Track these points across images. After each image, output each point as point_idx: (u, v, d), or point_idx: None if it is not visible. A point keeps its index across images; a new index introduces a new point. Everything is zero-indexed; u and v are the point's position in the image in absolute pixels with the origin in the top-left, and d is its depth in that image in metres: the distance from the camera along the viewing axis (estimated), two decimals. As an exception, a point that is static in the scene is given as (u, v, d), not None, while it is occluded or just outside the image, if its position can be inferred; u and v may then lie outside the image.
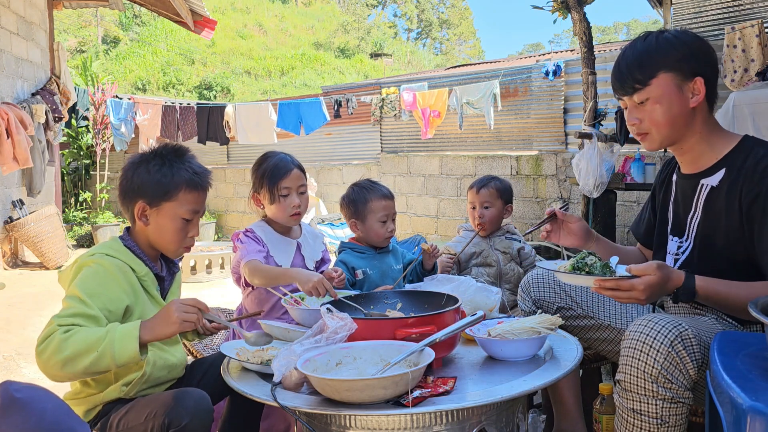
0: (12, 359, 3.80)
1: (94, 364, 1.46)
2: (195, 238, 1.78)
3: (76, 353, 1.45)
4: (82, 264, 1.64)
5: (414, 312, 1.83)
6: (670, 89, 1.66)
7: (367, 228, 2.46)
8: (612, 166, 4.49)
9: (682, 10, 5.37)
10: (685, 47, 1.66)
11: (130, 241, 1.74)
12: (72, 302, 1.55)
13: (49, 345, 1.46)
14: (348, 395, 1.35)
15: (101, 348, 1.46)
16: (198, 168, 1.76)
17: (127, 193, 1.73)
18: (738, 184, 1.63)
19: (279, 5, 33.24)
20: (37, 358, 1.48)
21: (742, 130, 3.55)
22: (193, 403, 1.53)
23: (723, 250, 1.66)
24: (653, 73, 1.67)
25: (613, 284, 1.55)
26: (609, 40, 29.39)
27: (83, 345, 1.46)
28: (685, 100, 1.67)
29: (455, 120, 7.05)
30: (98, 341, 1.46)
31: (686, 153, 1.77)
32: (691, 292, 1.57)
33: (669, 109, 1.67)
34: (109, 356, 1.47)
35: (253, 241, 2.27)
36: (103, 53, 23.83)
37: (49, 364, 1.46)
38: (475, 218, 2.79)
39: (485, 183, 2.83)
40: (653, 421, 1.47)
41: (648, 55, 1.68)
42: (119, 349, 1.47)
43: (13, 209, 6.66)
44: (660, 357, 1.43)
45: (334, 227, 8.07)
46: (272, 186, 2.28)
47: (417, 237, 5.62)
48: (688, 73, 1.66)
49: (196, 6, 8.06)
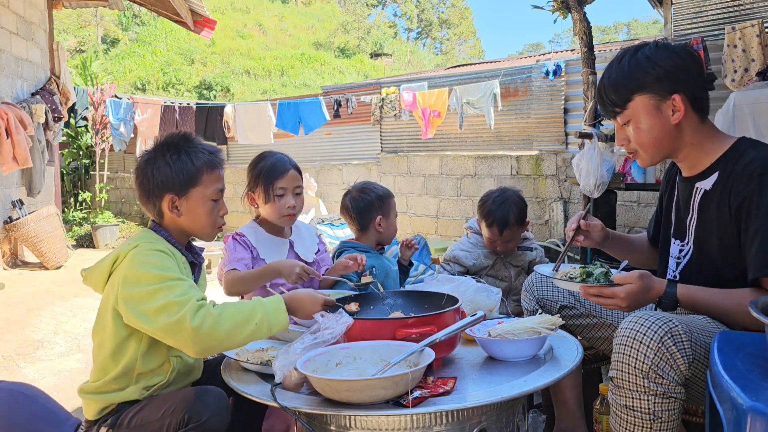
0: (12, 359, 3.80)
1: (253, 335, 1.56)
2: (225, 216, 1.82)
3: (237, 324, 1.54)
4: (136, 252, 1.64)
5: (414, 312, 1.83)
6: (647, 110, 1.67)
7: (390, 224, 2.51)
8: (612, 166, 4.48)
9: (682, 10, 5.37)
10: (658, 68, 1.65)
11: (163, 231, 1.76)
12: (171, 283, 1.58)
13: (206, 319, 1.52)
14: (348, 395, 1.35)
15: (259, 320, 1.56)
16: (211, 148, 1.81)
17: (152, 190, 1.74)
18: (728, 188, 1.63)
19: (279, 5, 33.23)
20: (194, 333, 1.51)
21: (743, 130, 3.55)
22: (214, 399, 1.56)
23: (718, 254, 1.67)
24: (629, 97, 1.68)
25: (596, 291, 1.62)
26: (609, 40, 29.39)
27: (240, 318, 1.55)
28: (665, 118, 1.67)
29: (455, 120, 7.05)
30: (253, 314, 1.57)
31: (683, 160, 1.77)
32: (672, 301, 1.60)
33: (650, 129, 1.68)
34: (266, 326, 1.58)
35: (240, 246, 2.26)
36: (103, 53, 23.82)
37: (210, 336, 1.52)
38: (496, 250, 2.67)
39: (506, 222, 2.55)
40: (646, 416, 1.47)
41: (622, 79, 1.69)
42: (275, 319, 1.59)
43: (12, 209, 6.66)
44: (650, 352, 1.44)
45: (334, 227, 8.07)
46: (268, 185, 2.27)
47: (417, 237, 5.62)
48: (664, 92, 1.65)
49: (196, 6, 8.05)
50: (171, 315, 1.52)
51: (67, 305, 5.03)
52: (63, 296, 5.29)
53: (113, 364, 1.67)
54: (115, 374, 1.66)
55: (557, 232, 6.41)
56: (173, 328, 1.52)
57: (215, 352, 1.63)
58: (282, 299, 1.63)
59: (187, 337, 1.51)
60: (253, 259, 2.25)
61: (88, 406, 1.70)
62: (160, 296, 1.55)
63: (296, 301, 1.67)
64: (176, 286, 1.57)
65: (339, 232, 7.87)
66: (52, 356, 3.91)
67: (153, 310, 1.55)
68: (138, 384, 1.68)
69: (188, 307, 1.52)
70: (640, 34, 32.24)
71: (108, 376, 1.67)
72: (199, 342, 1.52)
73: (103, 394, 1.68)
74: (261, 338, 1.61)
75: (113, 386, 1.68)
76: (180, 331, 1.52)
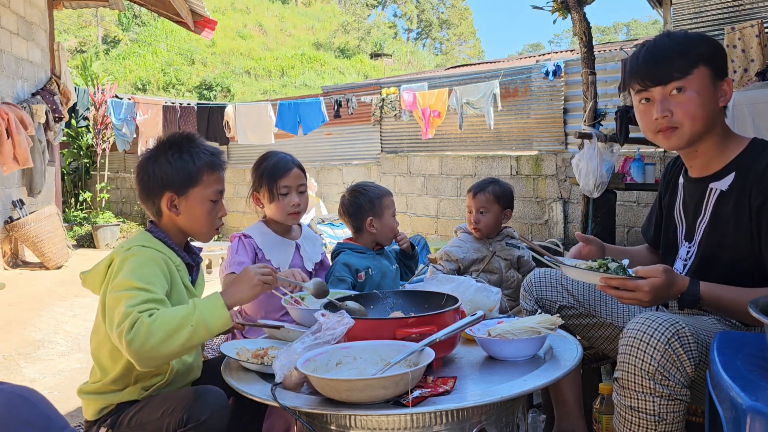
0: (12, 359, 3.80)
1: (190, 339, 1.49)
2: (223, 218, 1.81)
3: (171, 332, 1.46)
4: (124, 258, 1.63)
5: (414, 312, 1.83)
6: (706, 83, 1.64)
7: (383, 224, 2.49)
8: (612, 166, 4.49)
9: (682, 10, 5.37)
10: (717, 47, 1.67)
11: (160, 232, 1.76)
12: (133, 292, 1.53)
13: (139, 331, 1.45)
14: (348, 395, 1.35)
15: (194, 322, 1.49)
16: (213, 149, 1.80)
17: (152, 188, 1.74)
18: (747, 189, 1.61)
19: (279, 5, 33.23)
20: (128, 348, 1.45)
21: (742, 131, 3.54)
22: (214, 399, 1.55)
23: (731, 255, 1.65)
24: (695, 64, 1.64)
25: (619, 283, 1.55)
26: (609, 40, 29.37)
27: (174, 324, 1.47)
28: (716, 98, 1.66)
29: (455, 120, 7.05)
30: (188, 317, 1.49)
31: (699, 156, 1.74)
32: (695, 298, 1.57)
33: (705, 102, 1.64)
34: (203, 328, 1.50)
35: (242, 249, 2.25)
36: (103, 53, 23.83)
37: (144, 349, 1.45)
38: (471, 222, 2.78)
39: (483, 187, 2.79)
40: (651, 418, 1.47)
41: (689, 46, 1.65)
42: (211, 319, 1.51)
43: (13, 209, 6.66)
44: (657, 354, 1.43)
45: (334, 227, 8.08)
46: (272, 184, 2.28)
47: (417, 237, 5.62)
48: (720, 71, 1.66)
49: (196, 6, 8.05)
50: (115, 327, 1.49)
51: (67, 305, 5.04)
52: (63, 296, 5.30)
53: (112, 365, 1.67)
54: (114, 375, 1.66)
55: (557, 232, 6.42)
56: (118, 341, 1.49)
57: (159, 363, 1.54)
58: (219, 294, 1.57)
59: (127, 352, 1.47)
60: (257, 261, 2.25)
61: (88, 407, 1.71)
62: (118, 305, 1.52)
63: (232, 288, 1.60)
64: (134, 297, 1.51)
65: (339, 232, 7.88)
66: (53, 356, 3.92)
67: (110, 320, 1.52)
68: (137, 384, 1.68)
69: (129, 319, 1.47)
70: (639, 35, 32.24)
71: (107, 377, 1.67)
72: (135, 355, 1.46)
73: (102, 394, 1.68)
74: (204, 340, 1.54)
75: (112, 387, 1.68)
76: (121, 345, 1.48)
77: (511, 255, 2.79)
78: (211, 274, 6.48)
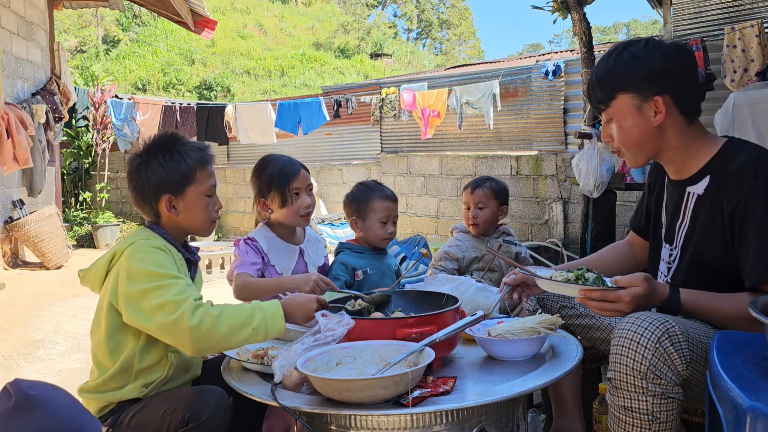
0: (12, 359, 3.80)
1: (248, 339, 1.58)
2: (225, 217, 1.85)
3: (234, 328, 1.55)
4: (132, 250, 1.66)
5: (414, 312, 1.83)
6: (629, 110, 1.66)
7: (367, 227, 2.47)
8: (612, 166, 4.49)
9: (682, 10, 5.37)
10: (643, 68, 1.64)
11: (160, 229, 1.78)
12: (170, 281, 1.59)
13: (205, 320, 1.53)
14: (348, 395, 1.35)
15: (256, 324, 1.58)
16: (200, 145, 1.84)
17: (148, 192, 1.75)
18: (720, 194, 1.61)
19: (279, 5, 33.24)
20: (191, 332, 1.52)
21: (742, 130, 3.55)
22: (215, 399, 1.56)
23: (710, 259, 1.66)
24: (612, 95, 1.67)
25: (600, 294, 1.55)
26: (609, 40, 29.37)
27: (238, 321, 1.56)
28: (646, 120, 1.65)
29: (455, 120, 7.05)
30: (251, 318, 1.58)
31: (668, 163, 1.76)
32: (676, 306, 1.58)
33: (630, 129, 1.67)
34: (263, 332, 1.59)
35: (252, 251, 2.25)
36: (103, 53, 23.84)
37: (207, 337, 1.53)
38: (469, 218, 2.80)
39: (480, 183, 2.83)
40: (644, 417, 1.47)
41: (607, 77, 1.68)
42: (272, 325, 1.60)
43: (13, 209, 6.66)
44: (648, 353, 1.44)
45: (334, 227, 8.08)
46: (283, 188, 2.26)
47: (417, 237, 5.62)
48: (647, 93, 1.64)
49: (196, 6, 8.06)
50: (168, 314, 1.53)
51: (67, 305, 5.04)
52: (63, 296, 5.29)
53: (111, 361, 1.68)
54: (113, 371, 1.67)
55: (557, 232, 6.42)
56: (170, 326, 1.53)
57: (211, 352, 1.65)
58: (280, 305, 1.64)
59: (185, 336, 1.52)
60: (264, 264, 2.25)
61: (88, 406, 1.71)
62: (157, 294, 1.56)
63: (291, 306, 1.68)
64: (173, 285, 1.58)
65: (339, 232, 7.88)
66: (53, 356, 3.92)
67: (150, 308, 1.56)
68: (137, 381, 1.68)
69: (186, 305, 1.53)
70: (639, 35, 32.22)
71: (107, 373, 1.68)
72: (197, 341, 1.53)
73: (102, 393, 1.69)
74: (257, 342, 1.62)
75: (112, 384, 1.68)
76: (177, 330, 1.53)
77: (510, 253, 2.80)
78: (211, 273, 6.48)
